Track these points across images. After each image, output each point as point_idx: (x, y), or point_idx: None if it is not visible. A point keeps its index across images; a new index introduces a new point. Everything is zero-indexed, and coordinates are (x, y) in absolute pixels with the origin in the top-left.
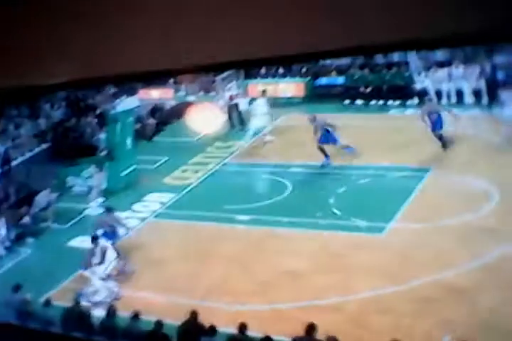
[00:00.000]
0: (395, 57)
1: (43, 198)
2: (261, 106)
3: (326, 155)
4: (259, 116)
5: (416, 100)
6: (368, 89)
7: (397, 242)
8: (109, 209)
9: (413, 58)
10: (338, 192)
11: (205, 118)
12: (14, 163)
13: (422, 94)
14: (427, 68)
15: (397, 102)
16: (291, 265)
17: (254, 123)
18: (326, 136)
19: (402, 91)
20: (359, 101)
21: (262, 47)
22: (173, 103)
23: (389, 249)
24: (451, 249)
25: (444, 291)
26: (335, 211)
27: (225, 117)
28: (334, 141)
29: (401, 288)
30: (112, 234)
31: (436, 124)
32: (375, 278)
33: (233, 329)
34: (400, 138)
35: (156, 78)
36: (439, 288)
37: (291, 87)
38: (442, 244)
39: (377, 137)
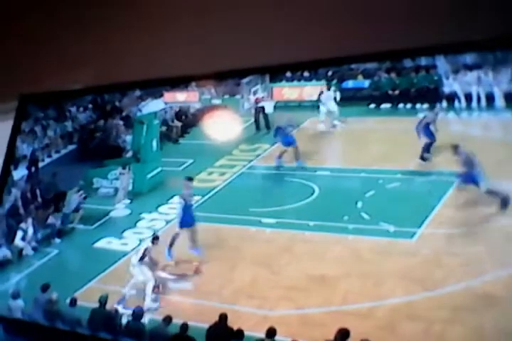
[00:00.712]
0: (423, 60)
1: (74, 199)
2: (330, 96)
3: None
4: (329, 104)
5: (445, 103)
6: (396, 92)
7: (428, 248)
8: None
9: (441, 61)
10: (366, 197)
11: (230, 120)
12: (41, 164)
13: (451, 98)
14: (456, 71)
15: (426, 105)
16: (318, 269)
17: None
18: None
19: (431, 95)
20: (386, 105)
21: (283, 52)
22: (198, 106)
23: (419, 254)
24: (483, 255)
25: (476, 299)
26: (363, 215)
27: (250, 120)
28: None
29: (432, 295)
30: None
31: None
32: (405, 284)
33: (261, 334)
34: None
35: (179, 83)
36: (471, 295)
37: (316, 91)
38: (474, 250)
39: (405, 141)
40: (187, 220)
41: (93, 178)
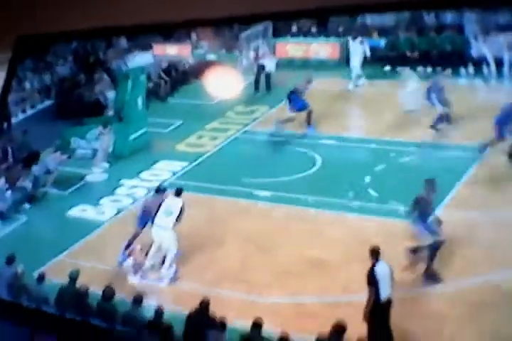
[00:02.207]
0: (448, 18)
1: (51, 160)
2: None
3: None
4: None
5: (471, 68)
6: (415, 54)
7: (444, 233)
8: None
9: (469, 20)
10: (375, 171)
11: (225, 79)
12: (14, 120)
13: (479, 62)
14: (486, 32)
15: (449, 70)
16: (316, 252)
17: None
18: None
19: (455, 58)
20: (403, 67)
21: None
22: (190, 61)
23: None
24: (507, 244)
25: (496, 295)
26: (371, 192)
27: (248, 79)
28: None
29: (446, 289)
30: None
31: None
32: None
33: (246, 323)
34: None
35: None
36: (490, 290)
37: (325, 48)
38: (497, 238)
39: (423, 108)
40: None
41: (70, 138)
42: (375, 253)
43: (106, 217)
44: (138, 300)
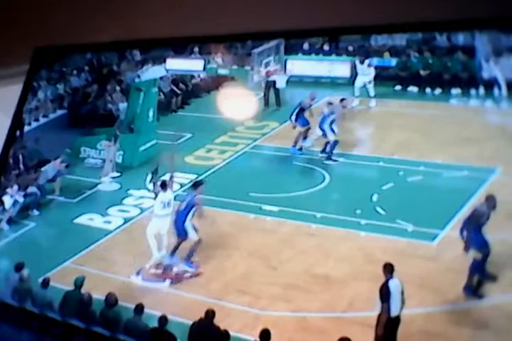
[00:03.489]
0: (459, 39)
1: (51, 168)
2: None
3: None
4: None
5: (482, 90)
6: (426, 74)
7: (452, 254)
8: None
9: (481, 42)
10: (383, 189)
11: (236, 94)
12: (27, 128)
13: (490, 84)
14: (498, 54)
15: (459, 91)
16: (322, 268)
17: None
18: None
19: (466, 79)
20: (413, 87)
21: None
22: (202, 75)
23: (441, 260)
24: None
25: (505, 318)
26: (378, 210)
27: (258, 94)
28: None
29: (452, 309)
30: None
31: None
32: (421, 294)
33: (248, 336)
34: (460, 132)
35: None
36: (499, 313)
37: (336, 66)
38: (507, 262)
39: (433, 129)
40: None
41: (81, 147)
42: (389, 269)
43: (113, 227)
44: (139, 308)
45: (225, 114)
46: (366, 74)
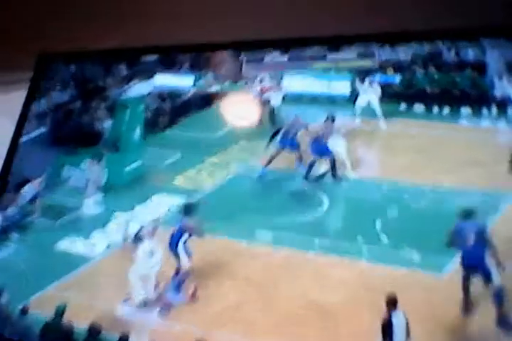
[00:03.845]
0: (470, 55)
1: (31, 188)
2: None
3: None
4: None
5: (495, 109)
6: (433, 91)
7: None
8: None
9: (493, 58)
10: (386, 215)
11: (228, 112)
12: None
13: (503, 103)
14: (511, 70)
15: (469, 110)
16: (320, 299)
17: (361, 101)
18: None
19: (477, 98)
20: (419, 106)
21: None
22: (192, 91)
23: (449, 293)
24: None
25: None
26: (381, 237)
27: (252, 112)
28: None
29: None
30: None
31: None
32: (427, 330)
33: None
34: (469, 155)
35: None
36: None
37: (335, 83)
38: None
39: (440, 152)
40: None
41: (63, 166)
42: (392, 302)
43: (96, 251)
44: (124, 338)
45: (216, 132)
46: (370, 93)
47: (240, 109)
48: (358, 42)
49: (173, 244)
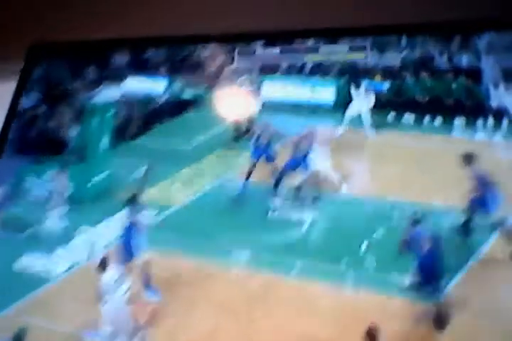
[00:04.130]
0: (463, 61)
1: None
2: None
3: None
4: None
5: (490, 121)
6: (424, 100)
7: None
8: None
9: (488, 64)
10: (373, 234)
11: (203, 119)
12: None
13: (499, 114)
14: (508, 79)
15: (463, 121)
16: (302, 326)
17: (353, 108)
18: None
19: (471, 108)
20: (409, 115)
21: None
22: (165, 97)
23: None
24: None
25: None
26: (368, 260)
27: (228, 120)
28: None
29: None
30: None
31: None
32: None
33: None
34: (463, 170)
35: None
36: None
37: (319, 90)
38: None
39: (432, 166)
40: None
41: (25, 177)
42: (372, 336)
43: (59, 270)
44: None
45: (190, 142)
46: (363, 100)
47: (215, 117)
48: (353, 36)
49: (127, 241)
